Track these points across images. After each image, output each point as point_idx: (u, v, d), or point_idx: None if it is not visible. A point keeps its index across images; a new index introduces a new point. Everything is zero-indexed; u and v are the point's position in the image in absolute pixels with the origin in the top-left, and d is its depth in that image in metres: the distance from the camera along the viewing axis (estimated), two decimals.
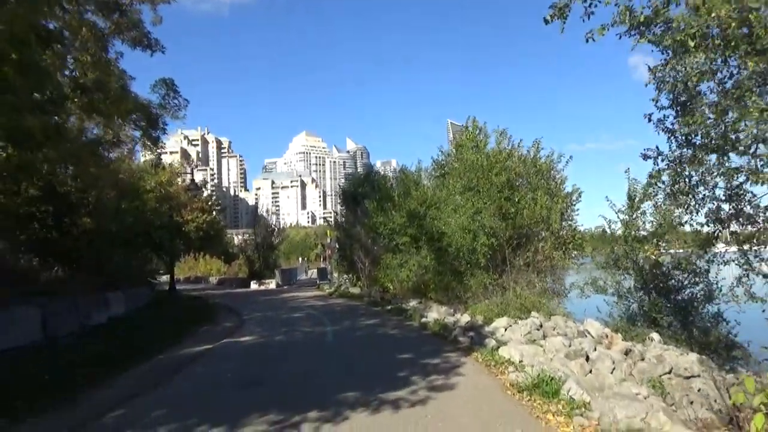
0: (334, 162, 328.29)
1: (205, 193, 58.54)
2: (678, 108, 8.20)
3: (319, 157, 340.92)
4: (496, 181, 14.90)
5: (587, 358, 9.22)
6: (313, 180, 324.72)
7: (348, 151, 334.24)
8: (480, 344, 11.87)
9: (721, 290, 11.61)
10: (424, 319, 16.61)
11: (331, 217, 57.46)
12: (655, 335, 10.91)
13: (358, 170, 33.07)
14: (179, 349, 13.08)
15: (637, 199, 12.54)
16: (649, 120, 8.66)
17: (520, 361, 9.93)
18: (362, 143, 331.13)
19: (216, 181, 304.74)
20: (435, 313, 16.92)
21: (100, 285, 18.23)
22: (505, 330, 13.22)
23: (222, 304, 26.18)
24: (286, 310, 21.93)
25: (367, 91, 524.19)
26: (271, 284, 41.53)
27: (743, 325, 11.67)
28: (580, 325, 12.69)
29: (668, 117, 8.47)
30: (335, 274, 38.34)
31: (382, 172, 31.62)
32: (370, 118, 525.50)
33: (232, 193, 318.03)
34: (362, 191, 30.41)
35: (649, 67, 8.31)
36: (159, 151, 31.60)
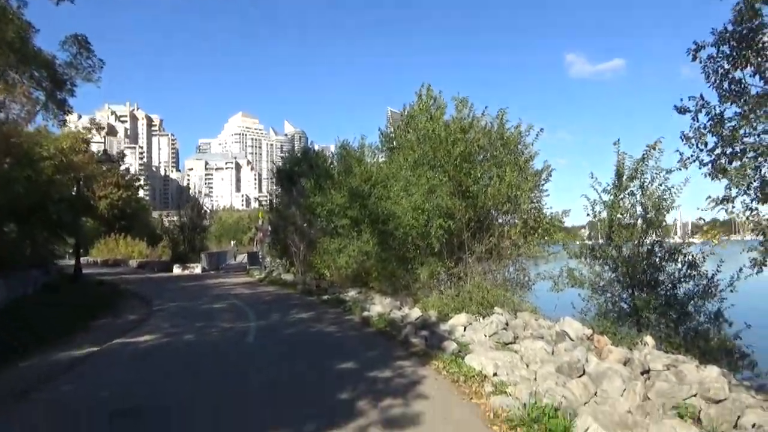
0: (272, 145, 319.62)
1: (124, 168, 53.34)
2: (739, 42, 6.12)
3: (256, 139, 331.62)
4: (454, 153, 12.61)
5: (582, 373, 7.16)
6: (248, 162, 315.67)
7: (286, 134, 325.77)
8: (438, 347, 9.65)
9: (717, 286, 9.93)
10: (366, 313, 14.27)
11: (266, 199, 53.94)
12: (649, 339, 9.05)
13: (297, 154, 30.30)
14: (55, 352, 10.11)
15: (626, 176, 10.64)
16: (694, 57, 6.58)
17: (495, 374, 7.74)
18: (301, 128, 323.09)
19: (145, 160, 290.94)
20: (379, 306, 14.61)
21: None
22: (465, 329, 11.07)
23: (133, 291, 22.88)
24: (206, 300, 18.99)
25: (307, 73, 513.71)
26: (197, 269, 37.98)
27: (737, 326, 10.07)
28: (553, 323, 10.72)
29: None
30: (268, 259, 35.43)
31: (321, 151, 28.81)
32: (309, 103, 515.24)
33: (162, 173, 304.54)
34: (299, 170, 27.71)
35: None
36: (65, 117, 27.65)
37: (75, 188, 25.74)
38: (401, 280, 16.39)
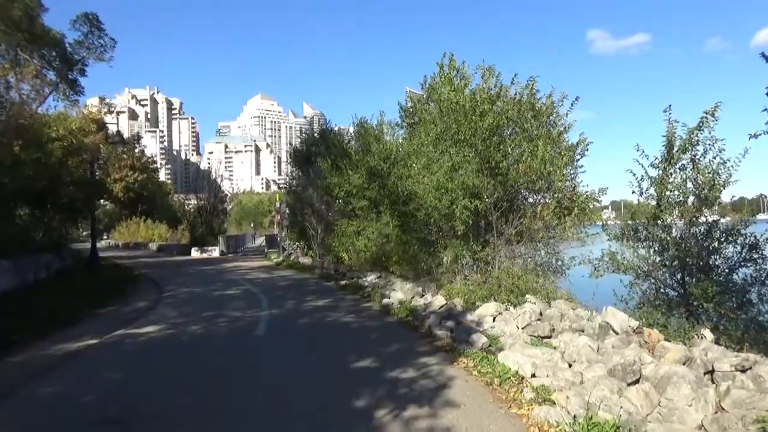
0: (290, 127, 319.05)
1: (139, 150, 52.68)
2: None
3: (275, 122, 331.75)
4: (481, 126, 11.43)
5: (639, 377, 6.13)
6: (267, 145, 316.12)
7: (305, 116, 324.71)
8: (465, 341, 8.67)
9: None
10: (386, 300, 13.38)
11: (285, 182, 53.14)
12: (707, 333, 7.97)
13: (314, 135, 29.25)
14: (50, 344, 9.34)
15: (677, 148, 9.39)
16: None
17: (533, 375, 6.76)
18: (320, 109, 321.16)
19: (166, 143, 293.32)
20: (400, 293, 13.68)
21: None
22: (494, 319, 10.06)
23: (148, 276, 22.31)
24: (220, 285, 18.26)
25: (327, 55, 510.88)
26: (214, 252, 37.54)
27: None
28: (593, 313, 9.65)
29: None
30: (287, 242, 34.76)
31: (338, 130, 27.71)
32: (329, 85, 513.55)
33: (183, 156, 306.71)
34: (316, 150, 26.78)
35: None
36: (77, 97, 26.99)
37: (88, 170, 25.17)
38: (423, 264, 15.44)
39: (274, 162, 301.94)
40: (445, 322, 10.12)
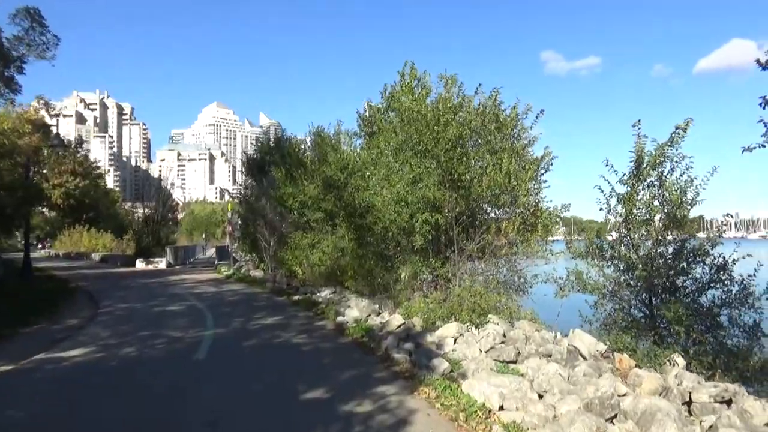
0: (246, 136, 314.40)
1: (81, 154, 49.93)
2: None
3: (230, 131, 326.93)
4: (444, 136, 10.87)
5: (617, 414, 5.59)
6: (222, 154, 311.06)
7: (261, 126, 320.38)
8: (426, 366, 8.02)
9: (753, 293, 8.48)
10: (340, 318, 12.62)
11: (238, 191, 51.56)
12: (679, 359, 7.56)
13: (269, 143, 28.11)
14: None
15: (646, 164, 9.05)
16: None
17: (501, 407, 6.17)
18: (277, 119, 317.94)
19: (115, 149, 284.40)
20: (355, 310, 12.94)
21: None
22: (456, 341, 9.47)
23: (85, 289, 20.79)
24: (163, 300, 17.07)
25: (286, 66, 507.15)
26: (161, 264, 35.80)
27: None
28: (558, 336, 9.17)
29: None
30: (240, 254, 33.42)
31: (294, 140, 26.74)
32: (286, 95, 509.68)
33: (133, 163, 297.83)
34: (271, 159, 25.87)
35: None
36: (13, 96, 25.20)
37: (23, 174, 23.41)
38: (379, 279, 14.80)
39: (229, 171, 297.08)
40: (403, 344, 9.45)
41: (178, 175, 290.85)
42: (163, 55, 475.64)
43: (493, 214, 12.37)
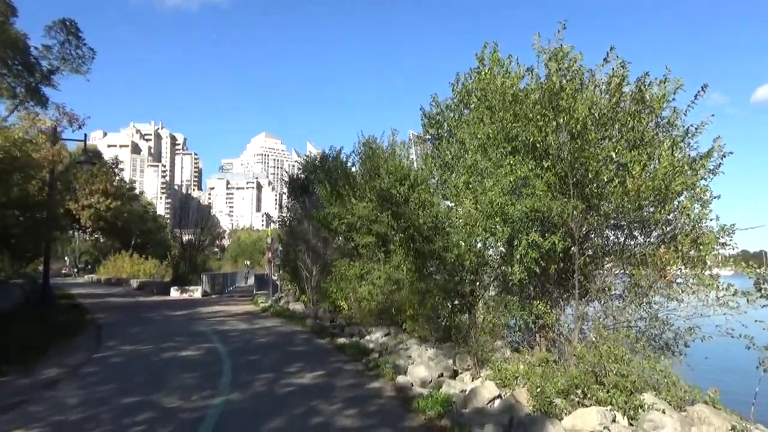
0: (293, 165, 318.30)
1: (118, 178, 48.29)
2: None
3: (278, 160, 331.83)
4: (565, 123, 7.28)
5: None
6: (269, 182, 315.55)
7: (308, 155, 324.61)
8: None
9: None
10: (401, 378, 9.13)
11: (280, 216, 48.88)
12: None
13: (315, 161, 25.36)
14: None
15: None
16: None
17: None
18: (324, 149, 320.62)
19: (168, 178, 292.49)
20: (421, 366, 9.40)
21: None
22: None
23: (98, 322, 17.99)
24: (179, 341, 13.89)
25: (335, 97, 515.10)
26: (196, 292, 33.05)
27: None
28: None
29: None
30: (280, 283, 30.37)
31: (340, 154, 23.62)
32: (334, 127, 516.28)
33: (184, 191, 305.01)
34: (315, 177, 22.93)
35: None
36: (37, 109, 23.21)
37: (44, 191, 21.13)
38: (447, 321, 11.38)
39: (276, 199, 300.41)
40: None
41: (226, 202, 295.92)
42: (214, 88, 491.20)
43: (636, 234, 8.56)
